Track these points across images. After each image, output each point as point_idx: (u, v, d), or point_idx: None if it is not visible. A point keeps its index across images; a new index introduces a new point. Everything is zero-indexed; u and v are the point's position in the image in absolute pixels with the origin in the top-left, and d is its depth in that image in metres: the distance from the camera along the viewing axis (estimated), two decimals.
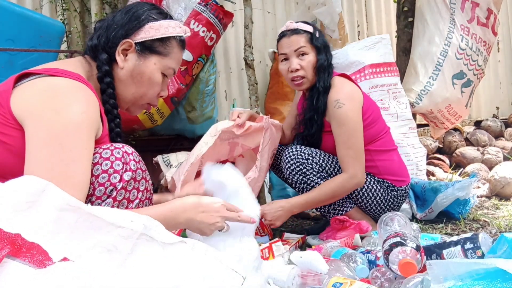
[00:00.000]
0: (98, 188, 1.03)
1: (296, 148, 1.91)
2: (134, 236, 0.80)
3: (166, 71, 1.25)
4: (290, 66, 1.91)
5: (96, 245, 0.78)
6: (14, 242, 0.73)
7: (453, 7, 3.12)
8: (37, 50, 2.17)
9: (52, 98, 1.00)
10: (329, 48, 1.99)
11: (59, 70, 1.07)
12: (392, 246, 1.27)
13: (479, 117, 4.72)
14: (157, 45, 1.22)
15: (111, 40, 1.19)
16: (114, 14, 1.25)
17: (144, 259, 0.80)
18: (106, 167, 1.04)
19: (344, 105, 1.84)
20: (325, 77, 1.91)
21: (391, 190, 1.96)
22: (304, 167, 1.88)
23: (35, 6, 2.90)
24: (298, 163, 1.88)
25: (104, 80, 1.18)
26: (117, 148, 1.07)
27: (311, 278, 1.29)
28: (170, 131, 2.99)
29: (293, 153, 1.90)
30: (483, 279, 0.98)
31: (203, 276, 0.81)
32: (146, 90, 1.23)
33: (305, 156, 1.88)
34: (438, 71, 3.07)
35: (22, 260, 0.73)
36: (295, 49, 1.90)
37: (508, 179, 2.58)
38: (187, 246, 0.84)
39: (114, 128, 1.23)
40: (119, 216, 0.82)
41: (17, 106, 1.00)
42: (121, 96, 1.23)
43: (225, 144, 1.97)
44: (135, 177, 1.08)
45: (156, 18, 1.22)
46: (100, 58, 1.18)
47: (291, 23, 1.95)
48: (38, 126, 0.97)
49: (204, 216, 1.08)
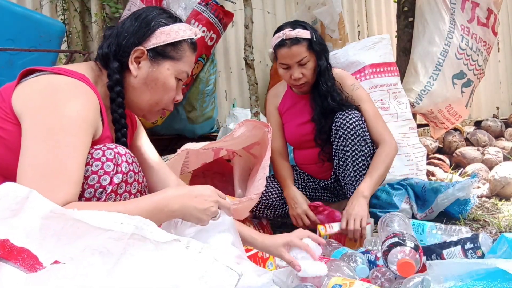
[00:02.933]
0: (87, 190, 1.01)
1: (352, 110, 1.91)
2: (125, 237, 0.80)
3: (180, 75, 1.23)
4: (293, 75, 1.93)
5: (86, 248, 0.78)
6: (5, 246, 0.73)
7: (453, 7, 3.12)
8: (37, 50, 2.17)
9: (51, 94, 1.00)
10: (326, 46, 2.02)
11: (63, 69, 1.07)
12: (390, 246, 1.27)
13: (479, 117, 4.72)
14: (169, 50, 1.20)
15: (122, 48, 1.18)
16: (123, 21, 1.23)
17: (138, 259, 0.79)
18: (96, 168, 1.02)
19: (360, 87, 2.01)
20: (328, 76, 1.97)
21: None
22: (365, 126, 1.91)
23: (35, 6, 2.90)
24: (360, 121, 1.90)
25: (114, 89, 1.16)
26: (109, 149, 1.05)
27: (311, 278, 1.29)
28: (170, 131, 2.99)
29: (354, 113, 1.90)
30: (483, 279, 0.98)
31: (198, 275, 0.80)
32: (161, 96, 1.22)
33: (363, 118, 1.93)
34: (438, 71, 3.07)
35: (13, 263, 0.73)
36: (297, 60, 1.91)
37: (508, 179, 2.58)
38: (181, 244, 0.83)
39: (121, 138, 1.21)
40: (108, 219, 0.81)
41: (17, 102, 1.01)
42: (136, 104, 1.22)
43: (209, 151, 1.99)
44: (126, 179, 1.05)
45: (166, 22, 1.21)
46: (111, 67, 1.17)
47: (290, 31, 1.90)
48: (34, 122, 0.97)
49: (198, 202, 1.04)
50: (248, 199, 1.80)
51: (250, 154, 2.14)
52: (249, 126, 1.88)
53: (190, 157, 1.94)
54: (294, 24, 1.96)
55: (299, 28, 1.91)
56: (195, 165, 2.02)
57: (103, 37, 1.25)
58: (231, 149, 2.05)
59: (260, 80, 3.33)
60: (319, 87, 1.97)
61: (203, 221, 1.07)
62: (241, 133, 1.88)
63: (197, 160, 1.98)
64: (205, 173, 2.27)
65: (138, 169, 1.11)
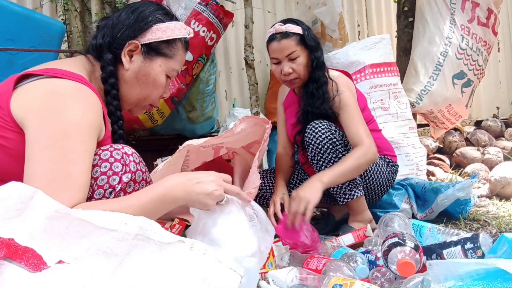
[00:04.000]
0: (97, 191, 1.02)
1: (321, 121, 1.90)
2: (129, 237, 0.80)
3: (170, 72, 1.24)
4: (283, 70, 1.93)
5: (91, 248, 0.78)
6: (10, 245, 0.73)
7: (454, 7, 3.12)
8: (37, 50, 2.17)
9: (53, 100, 1.00)
10: (319, 44, 2.00)
11: (60, 71, 1.06)
12: (390, 246, 1.27)
13: (479, 117, 4.72)
14: (163, 47, 1.21)
15: (117, 40, 1.18)
16: (119, 13, 1.23)
17: (141, 259, 0.80)
18: (105, 169, 1.03)
19: (344, 91, 1.92)
20: (321, 73, 1.94)
21: (391, 165, 2.07)
22: (335, 137, 1.87)
23: (35, 5, 2.90)
24: (329, 132, 1.86)
25: (108, 81, 1.16)
26: (116, 150, 1.06)
27: (311, 278, 1.29)
28: (171, 131, 2.99)
29: (322, 125, 1.88)
30: (483, 279, 0.98)
31: (202, 276, 0.80)
32: (151, 91, 1.23)
33: (334, 128, 1.89)
34: (439, 71, 3.07)
35: (18, 263, 0.73)
36: (287, 54, 1.90)
37: (509, 179, 2.58)
38: (185, 246, 0.83)
39: (117, 130, 1.21)
40: (112, 220, 0.81)
41: (18, 109, 0.99)
42: (125, 98, 1.22)
43: (209, 149, 1.99)
44: (134, 178, 1.07)
45: (162, 19, 1.22)
46: (105, 58, 1.17)
47: (280, 25, 1.92)
48: (38, 129, 0.97)
49: (200, 186, 1.02)
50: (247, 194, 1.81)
51: (250, 153, 2.15)
52: (250, 122, 1.88)
53: (191, 155, 1.94)
54: (286, 20, 1.99)
55: (290, 23, 1.93)
56: (195, 163, 2.03)
57: (97, 28, 1.25)
58: (231, 147, 2.05)
59: (260, 80, 3.33)
60: (308, 87, 1.95)
61: (208, 206, 1.04)
62: (241, 129, 1.87)
63: (197, 158, 1.98)
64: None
65: (145, 168, 1.13)
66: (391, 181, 2.08)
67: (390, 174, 2.05)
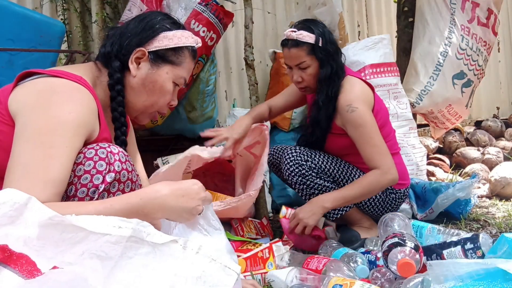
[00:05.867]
0: (80, 189, 1.01)
1: (296, 149, 1.90)
2: (123, 240, 0.80)
3: (178, 80, 1.25)
4: (293, 78, 1.91)
5: (85, 253, 0.78)
6: (4, 250, 0.73)
7: (453, 7, 3.12)
8: (37, 50, 2.17)
9: (45, 96, 1.01)
10: (338, 51, 1.89)
11: (61, 72, 1.08)
12: (390, 246, 1.28)
13: (479, 117, 4.72)
14: (170, 54, 1.22)
15: (125, 48, 1.19)
16: (128, 22, 1.25)
17: (135, 261, 0.80)
18: (89, 168, 1.02)
19: (357, 109, 1.78)
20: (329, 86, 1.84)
21: (389, 193, 1.95)
22: (303, 169, 1.86)
23: (35, 5, 2.90)
24: (297, 165, 1.86)
25: (115, 87, 1.18)
26: (102, 148, 1.05)
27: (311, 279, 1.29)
28: (170, 131, 2.99)
29: (292, 155, 1.88)
30: (483, 280, 0.98)
31: (196, 275, 0.80)
32: (157, 98, 1.23)
33: (305, 158, 1.87)
34: (439, 71, 3.07)
35: (12, 268, 0.73)
36: (296, 63, 1.86)
37: (509, 179, 2.58)
38: (178, 245, 0.83)
39: (120, 136, 1.23)
40: (106, 224, 0.81)
41: (13, 103, 1.02)
42: (131, 104, 1.23)
43: None
44: (119, 178, 1.06)
45: (169, 27, 1.23)
46: (113, 66, 1.19)
47: (292, 32, 1.83)
48: (25, 122, 0.99)
49: (185, 201, 1.01)
50: (247, 196, 1.81)
51: (251, 154, 2.15)
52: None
53: (192, 157, 1.95)
54: (300, 25, 1.88)
55: (303, 30, 1.83)
56: (196, 164, 2.03)
57: (106, 37, 1.27)
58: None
59: (260, 80, 3.32)
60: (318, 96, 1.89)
61: (189, 220, 1.05)
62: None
63: (198, 159, 1.98)
64: (205, 172, 2.28)
65: (132, 168, 1.11)
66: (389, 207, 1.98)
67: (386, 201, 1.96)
